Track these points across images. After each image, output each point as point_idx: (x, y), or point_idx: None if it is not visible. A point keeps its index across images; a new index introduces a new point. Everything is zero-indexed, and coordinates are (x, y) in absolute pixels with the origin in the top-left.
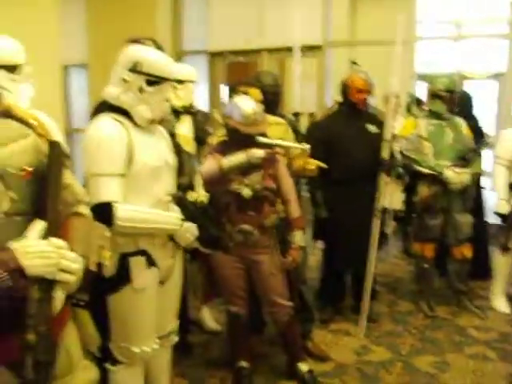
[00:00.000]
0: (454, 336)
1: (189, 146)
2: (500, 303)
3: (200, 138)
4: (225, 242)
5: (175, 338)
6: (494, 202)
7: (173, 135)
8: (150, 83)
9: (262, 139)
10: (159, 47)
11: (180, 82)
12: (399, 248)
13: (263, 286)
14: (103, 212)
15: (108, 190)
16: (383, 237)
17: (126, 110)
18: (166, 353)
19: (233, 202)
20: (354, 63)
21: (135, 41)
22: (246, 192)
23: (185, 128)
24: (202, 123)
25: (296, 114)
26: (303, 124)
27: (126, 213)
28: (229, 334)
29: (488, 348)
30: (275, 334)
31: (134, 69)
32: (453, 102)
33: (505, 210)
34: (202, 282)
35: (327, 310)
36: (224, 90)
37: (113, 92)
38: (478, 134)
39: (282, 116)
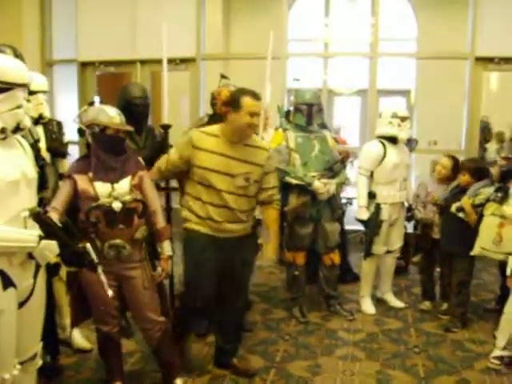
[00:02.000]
0: (326, 339)
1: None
2: (367, 305)
3: (54, 149)
4: (89, 258)
5: (39, 362)
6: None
7: (34, 147)
8: None
9: None
10: (18, 55)
11: (30, 92)
12: None
13: (136, 302)
14: None
15: None
16: (256, 247)
17: None
18: (30, 378)
19: (101, 217)
20: (223, 76)
21: None
22: (117, 205)
23: None
24: (55, 133)
25: (164, 127)
26: (172, 136)
27: None
28: (101, 354)
29: (356, 348)
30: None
31: None
32: (310, 114)
33: (365, 216)
34: (71, 303)
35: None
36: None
37: None
38: None
39: (152, 129)
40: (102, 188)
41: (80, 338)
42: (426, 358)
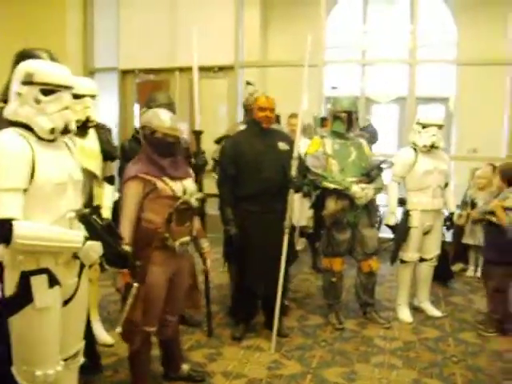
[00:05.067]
0: (362, 346)
1: (95, 159)
2: (404, 313)
3: (107, 152)
4: (131, 259)
5: (81, 359)
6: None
7: None
8: (45, 93)
9: None
10: (54, 58)
11: (77, 96)
12: (309, 264)
13: (179, 294)
14: (1, 229)
15: (7, 206)
16: (293, 253)
17: (26, 123)
18: (72, 375)
19: (174, 215)
20: (249, 83)
21: (28, 52)
22: (194, 201)
23: (90, 142)
24: (106, 136)
25: (196, 133)
26: (209, 142)
27: (25, 230)
28: (135, 359)
29: (393, 356)
30: None
31: (27, 80)
32: (350, 122)
33: (392, 222)
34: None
35: (239, 328)
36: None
37: (10, 108)
38: None
39: None
40: (175, 185)
41: (103, 332)
42: (464, 367)
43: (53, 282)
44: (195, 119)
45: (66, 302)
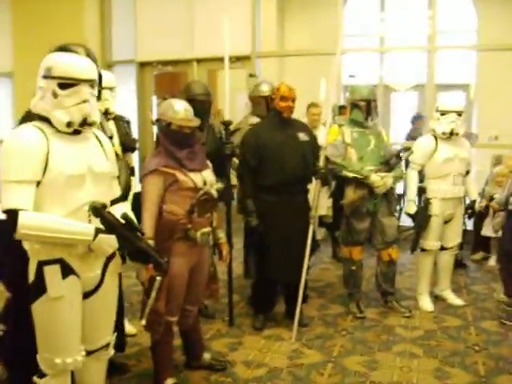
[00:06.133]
0: (382, 335)
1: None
2: (425, 302)
3: (126, 144)
4: (154, 256)
5: (111, 352)
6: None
7: None
8: (63, 86)
9: None
10: (89, 54)
11: None
12: (329, 253)
13: (200, 284)
14: (9, 218)
15: (17, 197)
16: (314, 243)
17: (45, 116)
18: (101, 365)
19: (195, 207)
20: (251, 75)
21: (64, 47)
22: (214, 192)
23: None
24: (125, 128)
25: (226, 123)
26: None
27: (30, 221)
28: (157, 350)
29: (414, 345)
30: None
31: (46, 74)
32: (369, 110)
33: (412, 210)
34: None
35: (259, 318)
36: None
37: (33, 101)
38: None
39: (212, 125)
40: (195, 177)
41: (126, 323)
42: (486, 356)
43: (67, 271)
44: (224, 109)
45: (88, 295)
